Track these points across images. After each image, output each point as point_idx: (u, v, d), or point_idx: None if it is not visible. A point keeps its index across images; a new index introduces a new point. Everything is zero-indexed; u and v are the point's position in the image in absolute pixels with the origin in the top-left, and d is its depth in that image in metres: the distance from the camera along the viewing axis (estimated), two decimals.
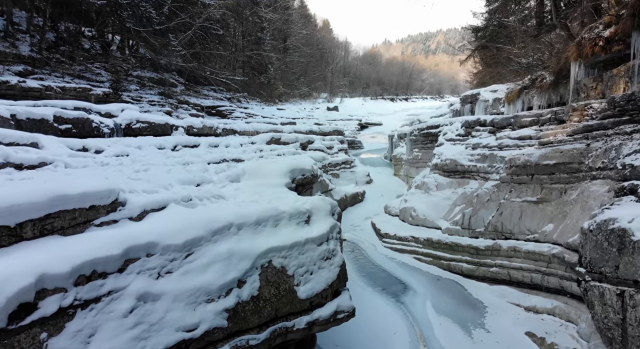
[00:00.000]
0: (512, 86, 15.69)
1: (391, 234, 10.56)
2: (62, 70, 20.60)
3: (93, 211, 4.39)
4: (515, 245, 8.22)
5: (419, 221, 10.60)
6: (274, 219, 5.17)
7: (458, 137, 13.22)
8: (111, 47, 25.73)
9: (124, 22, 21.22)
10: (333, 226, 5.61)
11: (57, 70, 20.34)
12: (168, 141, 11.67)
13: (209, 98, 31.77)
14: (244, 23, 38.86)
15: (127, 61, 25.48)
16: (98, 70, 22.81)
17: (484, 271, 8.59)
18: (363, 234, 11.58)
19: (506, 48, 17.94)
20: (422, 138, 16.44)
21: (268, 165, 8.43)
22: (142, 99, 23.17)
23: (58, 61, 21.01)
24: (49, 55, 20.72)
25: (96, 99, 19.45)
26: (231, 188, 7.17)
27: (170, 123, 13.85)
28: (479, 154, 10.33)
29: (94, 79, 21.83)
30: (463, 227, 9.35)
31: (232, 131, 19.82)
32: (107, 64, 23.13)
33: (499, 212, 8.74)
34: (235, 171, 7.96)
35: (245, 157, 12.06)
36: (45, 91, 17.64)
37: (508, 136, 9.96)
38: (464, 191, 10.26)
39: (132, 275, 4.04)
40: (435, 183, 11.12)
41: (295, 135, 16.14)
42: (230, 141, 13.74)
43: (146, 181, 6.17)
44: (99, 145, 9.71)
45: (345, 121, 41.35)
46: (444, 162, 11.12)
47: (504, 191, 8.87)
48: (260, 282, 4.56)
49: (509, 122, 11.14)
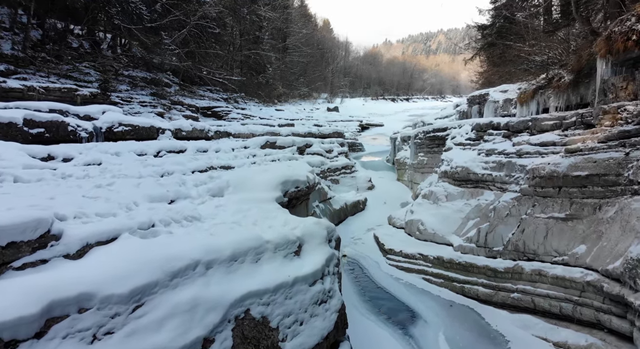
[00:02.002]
0: (524, 86, 14.63)
1: (396, 250, 9.49)
2: (48, 69, 19.57)
3: (12, 249, 3.34)
4: (540, 268, 7.16)
5: (427, 235, 9.53)
6: (255, 252, 4.11)
7: (468, 141, 12.15)
8: (101, 46, 24.71)
9: (112, 19, 20.15)
10: (330, 258, 4.56)
11: (43, 69, 19.31)
12: (151, 146, 10.62)
13: (205, 99, 30.76)
14: (242, 21, 37.85)
15: (118, 60, 24.47)
16: (87, 70, 21.78)
17: (504, 297, 7.52)
18: (365, 249, 10.51)
19: (516, 46, 16.87)
20: (428, 142, 15.37)
21: (257, 176, 7.38)
22: (132, 99, 22.14)
23: (44, 60, 19.99)
24: (34, 53, 19.70)
25: (82, 99, 18.43)
26: (211, 205, 6.11)
27: (156, 126, 12.80)
28: (494, 162, 9.26)
29: (82, 78, 20.81)
30: (478, 245, 8.28)
31: (225, 133, 18.76)
32: (96, 63, 22.12)
33: (521, 230, 7.67)
34: (219, 183, 6.91)
35: (236, 164, 11.01)
36: (28, 92, 16.62)
37: (528, 142, 8.89)
38: (478, 202, 9.19)
39: (56, 341, 3.00)
40: (445, 193, 10.05)
41: (292, 138, 15.08)
42: (221, 145, 12.68)
43: (105, 199, 5.12)
44: (69, 152, 8.67)
45: (346, 121, 40.30)
46: (455, 169, 10.05)
47: (526, 205, 7.80)
48: (233, 340, 3.50)
49: (527, 125, 10.07)
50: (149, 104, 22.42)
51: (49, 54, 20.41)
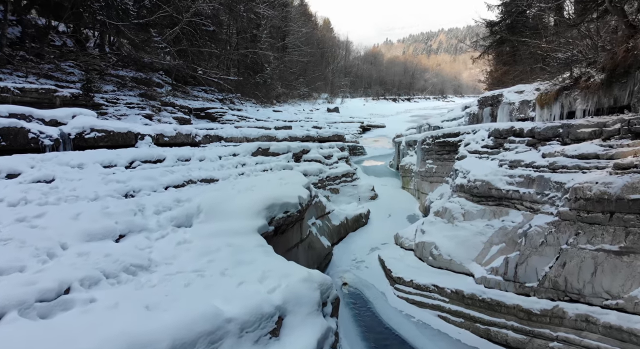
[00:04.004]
0: (544, 86, 13.22)
1: (406, 279, 8.09)
2: (27, 69, 18.18)
3: None
4: (587, 313, 5.76)
5: (442, 262, 8.13)
6: (209, 341, 2.72)
7: (485, 149, 10.75)
8: (87, 44, 23.34)
9: (94, 15, 18.76)
10: (324, 336, 3.16)
11: (21, 69, 17.94)
12: (122, 156, 9.23)
13: (199, 99, 29.38)
14: (239, 19, 36.45)
15: (105, 59, 23.10)
16: (70, 70, 20.39)
17: (540, 346, 6.12)
18: (369, 275, 9.09)
19: (533, 42, 15.45)
20: (437, 148, 13.95)
21: (237, 198, 5.99)
22: (119, 101, 20.74)
23: (23, 59, 18.60)
24: (12, 52, 18.35)
25: (62, 101, 17.06)
26: (172, 241, 4.72)
27: (134, 131, 11.41)
28: (521, 176, 7.85)
29: (64, 78, 19.42)
30: (506, 278, 6.88)
31: (216, 137, 17.38)
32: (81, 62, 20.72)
33: (560, 263, 6.27)
34: (187, 209, 5.52)
35: (221, 176, 9.62)
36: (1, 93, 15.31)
37: (562, 153, 7.48)
38: (503, 224, 7.79)
39: None
40: (462, 211, 8.65)
41: (287, 144, 13.68)
42: (207, 153, 11.29)
43: (19, 243, 3.72)
44: (17, 166, 7.27)
45: (346, 123, 38.88)
46: (473, 183, 8.64)
47: (567, 233, 6.40)
48: None
49: (556, 132, 8.67)
50: (137, 105, 21.03)
51: (29, 52, 19.04)
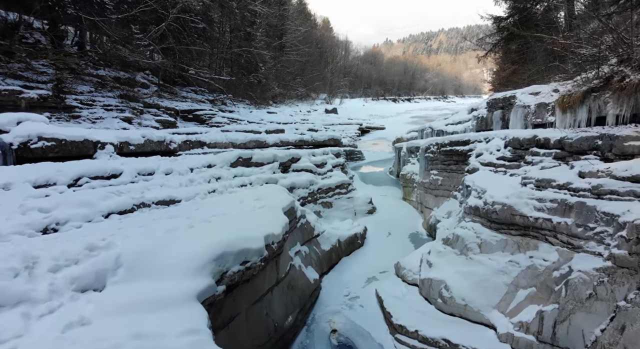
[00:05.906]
0: (566, 87, 11.61)
1: (410, 329, 6.47)
2: None
3: None
4: None
5: (454, 308, 6.51)
6: None
7: (501, 161, 9.14)
8: (65, 41, 21.70)
9: (64, 8, 17.14)
10: None
11: None
12: (65, 171, 7.60)
13: (187, 100, 27.76)
14: (232, 17, 34.85)
15: (84, 57, 21.49)
16: (43, 69, 18.77)
17: None
18: (364, 318, 7.40)
19: (548, 37, 13.84)
20: (443, 157, 12.32)
21: (176, 244, 4.36)
22: (95, 103, 19.09)
23: None
24: None
25: (28, 103, 15.50)
26: (59, 323, 3.10)
27: (92, 139, 9.79)
28: (553, 200, 6.22)
29: (35, 78, 17.77)
30: (541, 339, 5.26)
31: (198, 143, 15.73)
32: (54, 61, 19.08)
33: (617, 326, 4.65)
34: (100, 262, 3.88)
35: (184, 195, 7.99)
36: None
37: (609, 174, 5.85)
38: (532, 262, 6.16)
39: None
40: (478, 240, 7.02)
41: (272, 153, 12.04)
42: (176, 165, 9.66)
43: None
44: None
45: (344, 125, 37.24)
46: (491, 207, 7.02)
47: (625, 285, 4.78)
48: None
49: (594, 144, 7.05)
50: (116, 107, 19.40)
51: None
